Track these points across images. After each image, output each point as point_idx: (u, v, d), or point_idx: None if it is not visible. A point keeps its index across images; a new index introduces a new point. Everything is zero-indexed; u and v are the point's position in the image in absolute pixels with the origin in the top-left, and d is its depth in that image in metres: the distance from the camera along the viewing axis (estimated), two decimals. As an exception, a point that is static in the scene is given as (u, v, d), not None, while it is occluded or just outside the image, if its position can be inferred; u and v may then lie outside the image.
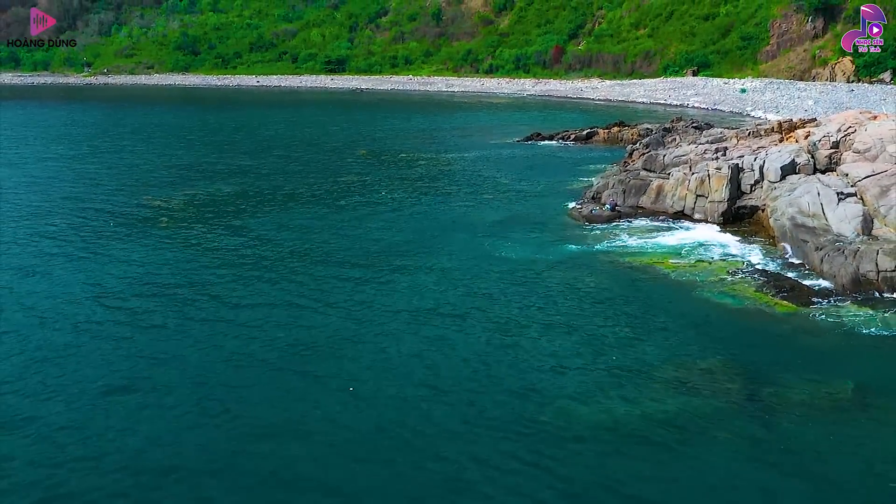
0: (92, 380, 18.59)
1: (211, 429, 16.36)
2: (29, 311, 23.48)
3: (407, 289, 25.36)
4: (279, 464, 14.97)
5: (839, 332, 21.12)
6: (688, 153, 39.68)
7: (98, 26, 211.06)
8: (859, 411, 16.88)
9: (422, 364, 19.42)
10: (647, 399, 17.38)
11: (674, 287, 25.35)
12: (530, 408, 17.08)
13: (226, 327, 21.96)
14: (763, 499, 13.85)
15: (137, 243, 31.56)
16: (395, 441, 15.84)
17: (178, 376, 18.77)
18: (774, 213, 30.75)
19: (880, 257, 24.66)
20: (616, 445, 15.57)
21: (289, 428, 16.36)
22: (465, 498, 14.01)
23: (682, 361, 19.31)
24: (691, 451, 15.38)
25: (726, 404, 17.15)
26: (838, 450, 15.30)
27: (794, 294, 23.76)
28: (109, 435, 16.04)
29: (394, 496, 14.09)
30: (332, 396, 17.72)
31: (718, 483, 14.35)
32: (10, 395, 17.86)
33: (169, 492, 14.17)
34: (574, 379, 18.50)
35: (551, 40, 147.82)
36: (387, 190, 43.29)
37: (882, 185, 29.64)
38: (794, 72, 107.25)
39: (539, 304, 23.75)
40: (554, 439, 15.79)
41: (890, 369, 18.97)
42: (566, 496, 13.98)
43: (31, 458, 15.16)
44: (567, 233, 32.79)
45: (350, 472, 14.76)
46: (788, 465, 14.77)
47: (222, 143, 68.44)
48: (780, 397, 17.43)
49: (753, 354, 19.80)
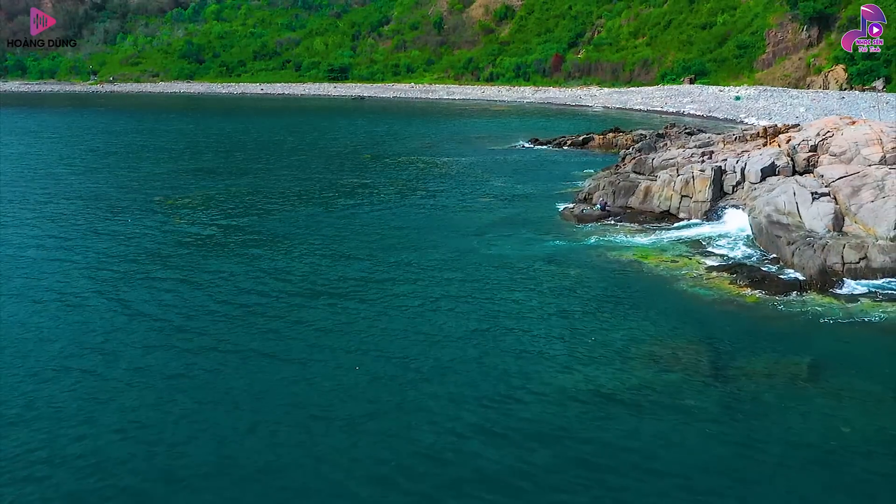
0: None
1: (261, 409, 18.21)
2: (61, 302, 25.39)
3: (406, 278, 27.31)
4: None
5: (802, 318, 23.00)
6: (675, 157, 41.60)
7: (103, 35, 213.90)
8: (811, 383, 18.76)
9: (420, 342, 21.29)
10: (623, 373, 19.24)
11: (654, 279, 27.22)
12: (517, 380, 18.92)
13: (243, 312, 23.86)
14: (726, 453, 15.61)
15: (161, 235, 33.52)
16: (392, 405, 17.66)
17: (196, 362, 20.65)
18: (753, 211, 32.61)
19: (846, 250, 26.54)
20: (594, 410, 17.38)
21: (300, 398, 18.22)
22: (460, 454, 15.79)
23: (656, 342, 21.18)
24: (663, 415, 17.17)
25: (695, 376, 19.02)
26: (791, 413, 17.12)
27: (765, 284, 25.62)
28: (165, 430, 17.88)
29: (394, 450, 15.87)
30: (337, 365, 19.60)
31: (686, 441, 16.10)
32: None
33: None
34: (557, 356, 20.37)
35: (551, 49, 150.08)
36: (389, 191, 45.25)
37: (854, 186, 31.48)
38: (789, 80, 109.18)
39: (527, 294, 25.62)
40: (539, 405, 17.60)
41: (843, 348, 20.83)
42: (553, 457, 15.71)
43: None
44: (558, 231, 34.66)
45: (359, 417, 16.60)
46: (748, 427, 16.60)
47: (231, 147, 70.50)
48: (744, 371, 19.31)
49: (722, 336, 21.66)
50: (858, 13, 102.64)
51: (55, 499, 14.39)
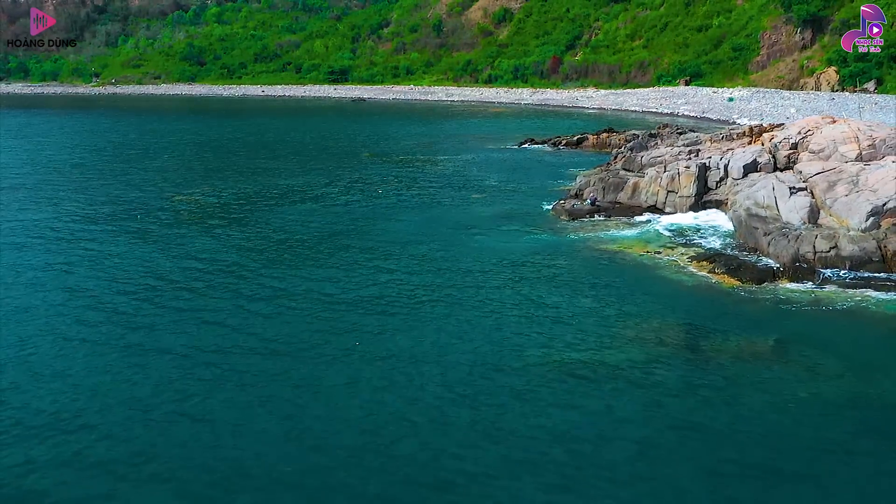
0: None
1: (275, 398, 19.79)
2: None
3: (402, 268, 28.88)
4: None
5: (773, 302, 24.61)
6: (663, 154, 43.20)
7: (105, 37, 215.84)
8: (775, 358, 20.36)
9: (418, 325, 22.88)
10: (603, 349, 20.83)
11: (638, 267, 28.83)
12: (508, 356, 20.47)
13: (250, 301, 25.47)
14: (695, 419, 17.12)
15: (169, 232, 35.10)
16: (391, 377, 19.23)
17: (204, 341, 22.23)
18: (734, 205, 34.21)
19: (818, 240, 28.14)
20: (576, 382, 18.90)
21: (310, 371, 19.80)
22: (452, 417, 17.37)
23: (636, 323, 22.76)
24: (639, 385, 18.72)
25: (669, 352, 20.62)
26: (755, 384, 18.68)
27: (741, 272, 27.22)
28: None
29: (396, 412, 17.43)
30: (341, 344, 21.20)
31: (659, 408, 17.63)
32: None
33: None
34: (543, 336, 21.92)
35: (549, 51, 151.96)
36: (388, 187, 46.90)
37: (830, 181, 33.07)
38: (782, 81, 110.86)
39: (517, 282, 27.20)
40: (526, 379, 19.14)
41: (807, 329, 22.42)
42: (539, 426, 17.22)
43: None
44: (549, 225, 36.26)
45: (365, 388, 18.19)
46: (715, 395, 18.16)
47: (234, 147, 72.24)
48: (714, 348, 20.94)
49: (697, 317, 23.28)
50: (851, 16, 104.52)
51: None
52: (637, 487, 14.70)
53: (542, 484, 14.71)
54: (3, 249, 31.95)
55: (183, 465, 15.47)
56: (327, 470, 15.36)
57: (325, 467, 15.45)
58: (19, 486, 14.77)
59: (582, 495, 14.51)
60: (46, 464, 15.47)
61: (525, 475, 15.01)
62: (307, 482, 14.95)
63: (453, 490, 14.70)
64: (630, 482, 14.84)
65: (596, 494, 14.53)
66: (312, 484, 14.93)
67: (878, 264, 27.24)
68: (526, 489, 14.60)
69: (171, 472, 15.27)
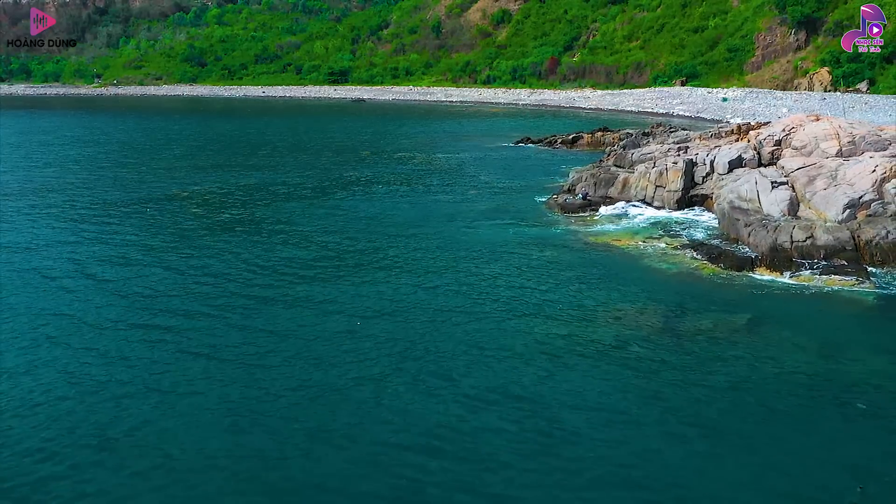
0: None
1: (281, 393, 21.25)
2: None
3: (400, 260, 30.34)
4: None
5: (750, 287, 26.11)
6: (653, 151, 44.65)
7: (106, 39, 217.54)
8: (746, 335, 21.84)
9: (416, 310, 24.33)
10: (587, 329, 22.27)
11: (624, 257, 30.32)
12: (500, 336, 21.93)
13: (256, 297, 26.94)
14: (673, 392, 18.50)
15: (176, 231, 36.61)
16: (388, 356, 20.69)
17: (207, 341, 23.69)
18: (718, 199, 35.69)
19: (795, 231, 29.61)
20: (561, 360, 20.32)
21: (308, 349, 21.26)
22: (445, 390, 18.81)
23: (618, 307, 24.22)
24: (620, 362, 20.15)
25: (649, 332, 22.07)
26: (728, 358, 20.16)
27: (721, 260, 28.70)
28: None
29: (389, 385, 18.89)
30: (344, 327, 22.67)
31: (638, 381, 19.05)
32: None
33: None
34: (530, 317, 23.37)
35: (547, 52, 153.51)
36: (387, 184, 48.39)
37: (810, 175, 34.56)
38: (777, 82, 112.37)
39: (509, 271, 28.62)
40: (509, 355, 20.59)
41: (779, 311, 23.89)
42: (524, 398, 18.65)
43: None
44: (541, 218, 37.74)
45: (369, 367, 19.65)
46: (691, 370, 19.57)
47: (236, 147, 73.68)
48: (691, 327, 22.42)
49: (676, 301, 24.76)
50: (845, 17, 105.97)
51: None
52: (607, 450, 16.10)
53: (518, 450, 16.06)
54: (22, 237, 33.47)
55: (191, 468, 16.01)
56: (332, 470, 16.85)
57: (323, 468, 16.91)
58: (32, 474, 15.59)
59: (556, 455, 15.87)
60: (46, 463, 15.87)
61: (502, 441, 16.44)
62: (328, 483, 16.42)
63: (442, 455, 16.14)
64: (600, 446, 16.19)
65: (569, 456, 15.82)
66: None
67: (851, 253, 28.72)
68: (502, 453, 15.95)
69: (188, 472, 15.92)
